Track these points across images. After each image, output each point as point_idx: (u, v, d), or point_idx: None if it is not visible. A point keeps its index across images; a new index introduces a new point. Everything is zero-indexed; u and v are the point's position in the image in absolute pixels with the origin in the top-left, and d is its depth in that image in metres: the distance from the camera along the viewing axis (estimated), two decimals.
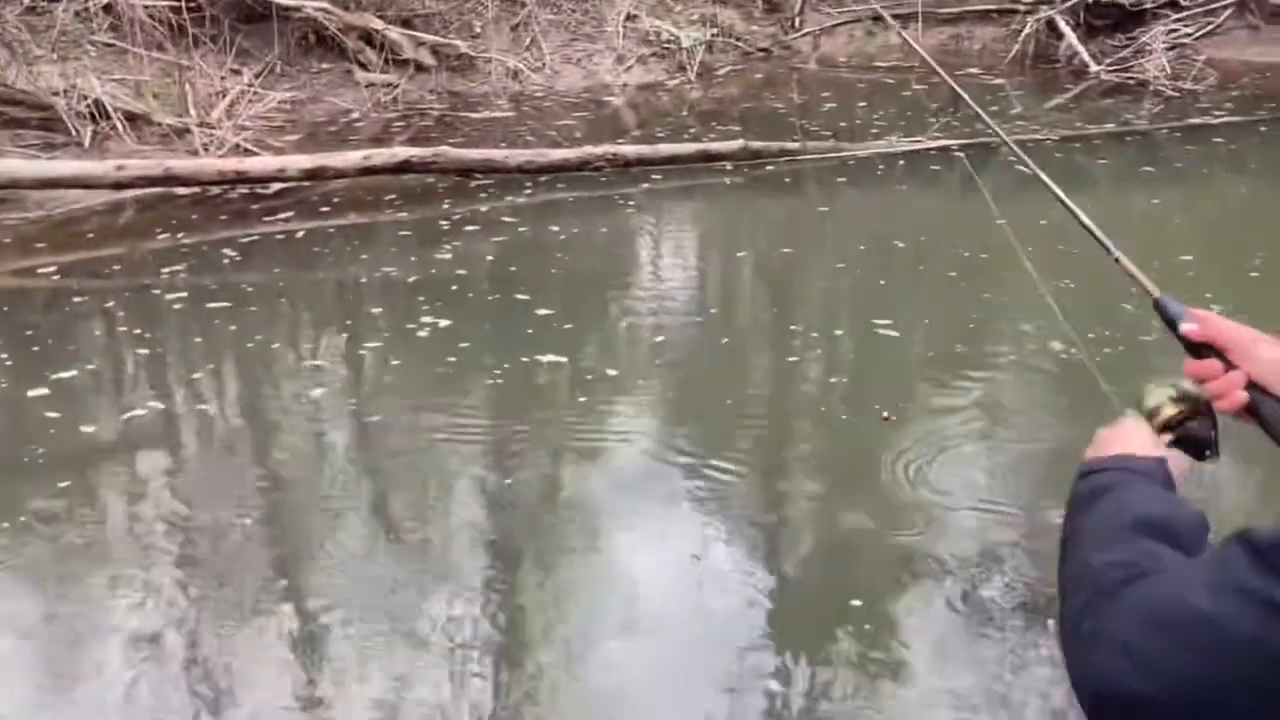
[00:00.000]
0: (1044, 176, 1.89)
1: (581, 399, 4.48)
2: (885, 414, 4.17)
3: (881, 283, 5.80)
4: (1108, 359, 4.66)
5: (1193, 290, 5.33)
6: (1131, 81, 10.30)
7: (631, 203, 7.23)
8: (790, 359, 4.94)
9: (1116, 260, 1.72)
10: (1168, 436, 1.50)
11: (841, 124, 8.99)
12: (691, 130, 8.99)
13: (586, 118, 9.62)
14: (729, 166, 7.76)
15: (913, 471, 3.79)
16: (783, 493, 3.85)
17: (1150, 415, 1.58)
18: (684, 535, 3.54)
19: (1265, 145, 8.39)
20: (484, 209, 7.01)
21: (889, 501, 3.64)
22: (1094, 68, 10.54)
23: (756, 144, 7.98)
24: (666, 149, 8.01)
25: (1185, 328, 1.45)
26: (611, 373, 4.74)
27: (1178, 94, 9.86)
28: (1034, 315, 5.18)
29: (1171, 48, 10.54)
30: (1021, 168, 6.42)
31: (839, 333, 5.17)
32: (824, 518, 3.67)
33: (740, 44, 11.55)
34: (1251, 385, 1.39)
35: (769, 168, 7.79)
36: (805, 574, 3.37)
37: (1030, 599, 3.10)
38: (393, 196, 7.19)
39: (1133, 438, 1.34)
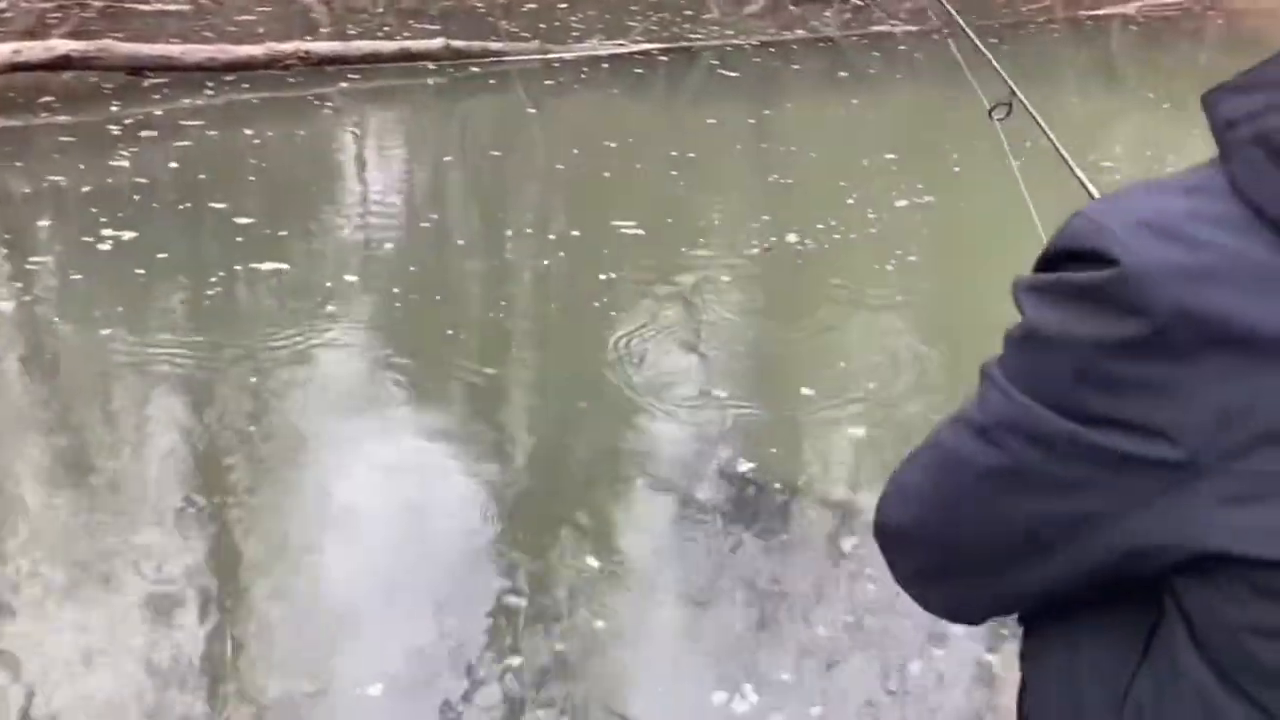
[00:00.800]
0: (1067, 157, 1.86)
1: (298, 308, 4.18)
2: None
3: (606, 175, 5.76)
4: (837, 244, 4.93)
5: (901, 184, 5.69)
6: None
7: (329, 104, 6.79)
8: (524, 262, 4.80)
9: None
10: None
11: (542, 25, 8.81)
12: (388, 28, 8.54)
13: (272, 13, 8.94)
14: (431, 67, 7.44)
15: (642, 372, 3.78)
16: (511, 399, 3.74)
17: None
18: (407, 447, 3.37)
19: (945, 51, 8.89)
20: (159, 112, 6.36)
21: (616, 403, 3.60)
22: None
23: (459, 43, 7.69)
24: (364, 46, 7.56)
25: None
26: (332, 281, 4.44)
27: (863, 2, 10.29)
28: (761, 209, 5.32)
29: None
30: (724, 72, 6.49)
31: (576, 233, 5.01)
32: (551, 422, 3.59)
33: None
34: None
35: (474, 69, 7.52)
36: (531, 480, 3.27)
37: (749, 493, 3.14)
38: (50, 99, 6.39)
39: None
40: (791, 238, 4.94)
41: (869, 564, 2.74)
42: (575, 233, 4.96)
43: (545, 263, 4.74)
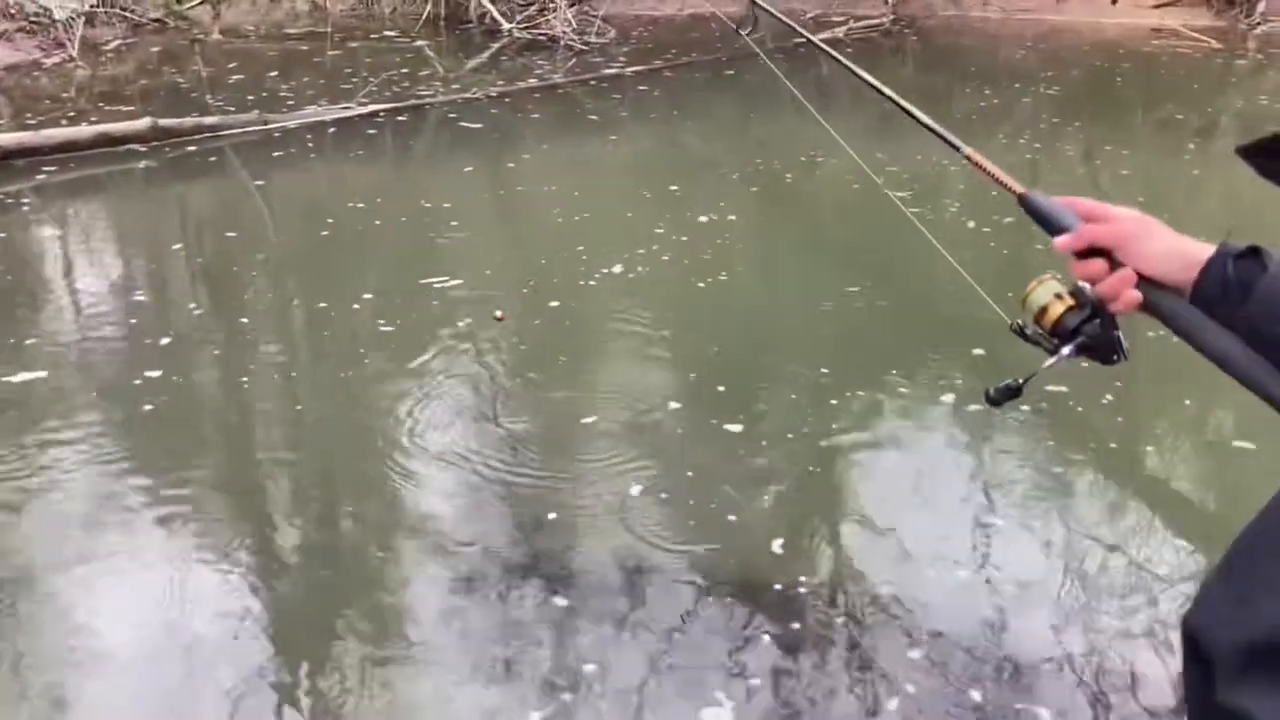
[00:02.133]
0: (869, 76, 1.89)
1: (54, 421, 3.63)
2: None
3: (377, 223, 5.42)
4: (665, 266, 4.94)
5: (700, 207, 5.69)
6: (543, 38, 10.55)
7: (25, 202, 6.01)
8: (314, 340, 4.33)
9: (968, 159, 1.62)
10: (1068, 347, 1.42)
11: (250, 97, 8.24)
12: (77, 113, 7.75)
13: None
14: (141, 149, 6.76)
15: (436, 435, 3.46)
16: (276, 496, 3.28)
17: (1038, 316, 1.44)
18: (163, 561, 2.92)
19: (682, 88, 8.93)
20: None
21: (390, 490, 3.25)
22: (506, 26, 10.65)
23: (168, 122, 7.04)
24: (56, 134, 6.78)
25: (1059, 242, 1.40)
26: (84, 390, 3.88)
27: (586, 48, 10.25)
28: (572, 243, 5.22)
29: (573, 3, 10.93)
30: (465, 124, 6.29)
31: (370, 296, 4.62)
32: (317, 518, 3.17)
33: (129, 15, 10.22)
34: (1143, 280, 1.34)
35: (189, 148, 6.89)
36: (289, 596, 2.84)
37: (543, 558, 2.91)
38: None
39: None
40: (617, 269, 4.90)
41: (663, 621, 2.64)
42: (368, 295, 4.58)
43: (347, 335, 4.32)
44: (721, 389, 3.83)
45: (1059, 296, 1.44)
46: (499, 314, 3.73)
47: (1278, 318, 1.25)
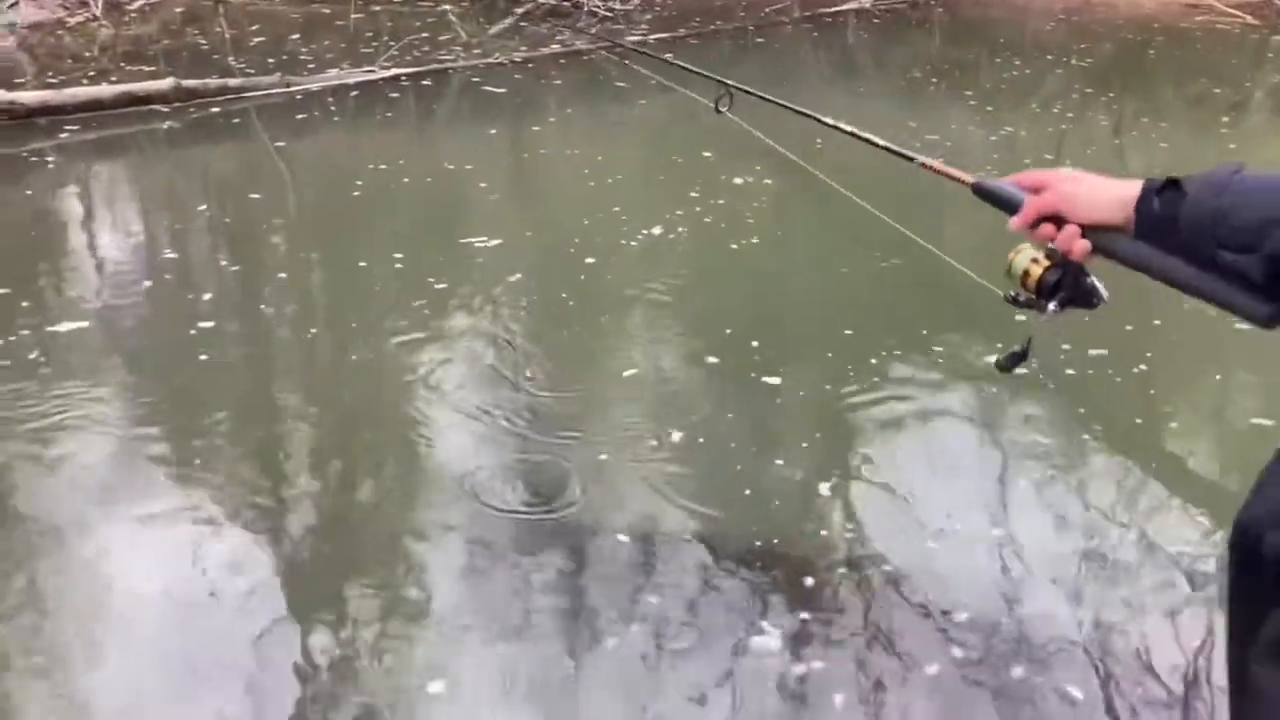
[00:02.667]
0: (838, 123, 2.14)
1: (55, 379, 3.60)
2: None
3: (406, 180, 5.34)
4: (707, 228, 4.88)
5: (734, 171, 5.67)
6: (567, 4, 10.46)
7: (50, 160, 5.98)
8: (352, 298, 4.32)
9: (923, 165, 1.83)
10: (1053, 303, 1.58)
11: (271, 60, 8.19)
12: (100, 72, 7.71)
13: None
14: (164, 110, 6.71)
15: (463, 404, 3.43)
16: (295, 466, 3.25)
17: (1022, 280, 1.59)
18: (182, 525, 2.89)
19: (708, 55, 8.83)
20: None
21: (410, 467, 3.23)
22: None
23: (191, 82, 6.99)
24: (81, 93, 6.75)
25: (1013, 224, 1.57)
26: (128, 345, 3.92)
27: (610, 14, 10.15)
28: (609, 205, 5.26)
29: None
30: (488, 88, 6.22)
31: (406, 255, 4.59)
32: (336, 490, 3.14)
33: None
34: (1087, 229, 1.49)
35: (212, 109, 6.84)
36: (314, 550, 2.84)
37: (559, 526, 2.89)
38: None
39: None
40: (657, 230, 4.95)
41: (674, 590, 2.62)
42: (405, 254, 4.58)
43: (393, 292, 4.30)
44: (756, 344, 3.86)
45: (1035, 261, 1.59)
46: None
47: (1205, 239, 1.35)
